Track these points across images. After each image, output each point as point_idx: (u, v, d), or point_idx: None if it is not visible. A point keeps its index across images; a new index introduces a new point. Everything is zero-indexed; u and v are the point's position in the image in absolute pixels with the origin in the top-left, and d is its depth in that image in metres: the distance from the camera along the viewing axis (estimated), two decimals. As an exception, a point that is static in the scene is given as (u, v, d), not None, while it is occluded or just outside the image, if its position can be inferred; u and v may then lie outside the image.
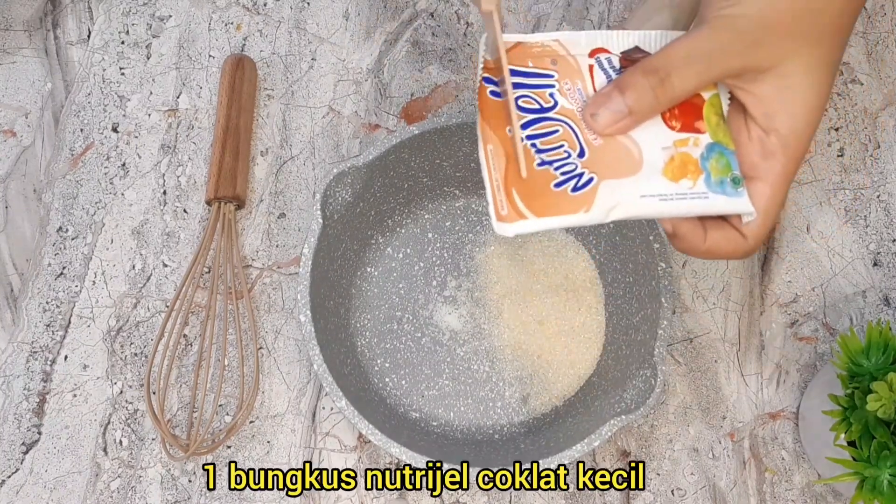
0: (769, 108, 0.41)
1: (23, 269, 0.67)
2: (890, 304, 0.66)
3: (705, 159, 0.42)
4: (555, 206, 0.40)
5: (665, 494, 0.63)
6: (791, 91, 0.40)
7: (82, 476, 0.63)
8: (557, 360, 0.64)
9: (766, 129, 0.41)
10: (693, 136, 0.42)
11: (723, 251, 0.43)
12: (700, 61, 0.40)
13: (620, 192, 0.41)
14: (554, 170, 0.41)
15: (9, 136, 0.70)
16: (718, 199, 0.42)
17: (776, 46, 0.40)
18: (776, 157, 0.41)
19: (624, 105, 0.40)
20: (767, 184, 0.42)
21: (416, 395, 0.64)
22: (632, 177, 0.41)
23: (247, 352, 0.64)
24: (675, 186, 0.41)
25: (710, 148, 0.42)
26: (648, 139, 0.42)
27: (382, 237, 0.66)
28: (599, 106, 0.41)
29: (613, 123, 0.41)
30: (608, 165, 0.41)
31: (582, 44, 0.43)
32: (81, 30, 0.73)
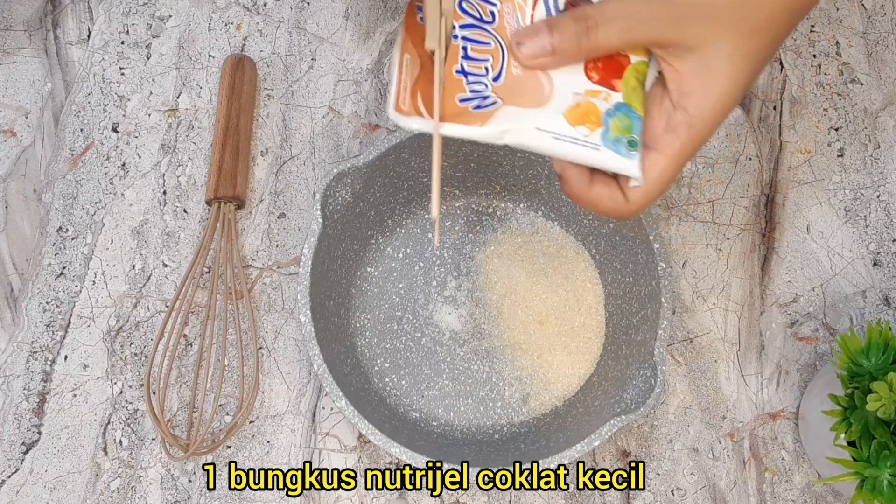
0: (683, 86, 0.42)
1: (23, 269, 0.67)
2: (890, 304, 0.66)
3: (609, 115, 0.43)
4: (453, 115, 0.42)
5: (665, 494, 0.63)
6: (709, 75, 0.41)
7: (82, 476, 0.63)
8: (557, 360, 0.64)
9: (676, 105, 0.42)
10: (606, 91, 0.43)
11: (603, 205, 0.44)
12: (628, 22, 0.41)
13: (518, 119, 0.43)
14: (466, 84, 0.43)
15: (9, 136, 0.70)
16: (608, 154, 0.43)
17: (705, 28, 0.40)
18: (678, 133, 0.42)
19: (549, 43, 0.42)
20: (663, 156, 0.43)
21: (416, 395, 0.64)
22: (534, 109, 0.43)
23: (247, 352, 0.64)
24: (570, 129, 0.43)
25: (617, 106, 0.43)
26: (564, 81, 0.43)
27: (382, 237, 0.66)
28: (527, 37, 0.42)
29: (534, 57, 0.42)
30: (516, 94, 0.43)
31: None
32: (81, 30, 0.73)
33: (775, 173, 0.69)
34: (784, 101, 0.71)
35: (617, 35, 0.41)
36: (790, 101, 0.71)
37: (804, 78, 0.71)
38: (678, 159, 0.43)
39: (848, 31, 0.72)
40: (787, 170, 0.69)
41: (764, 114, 0.70)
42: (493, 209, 0.67)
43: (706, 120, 0.42)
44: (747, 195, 0.68)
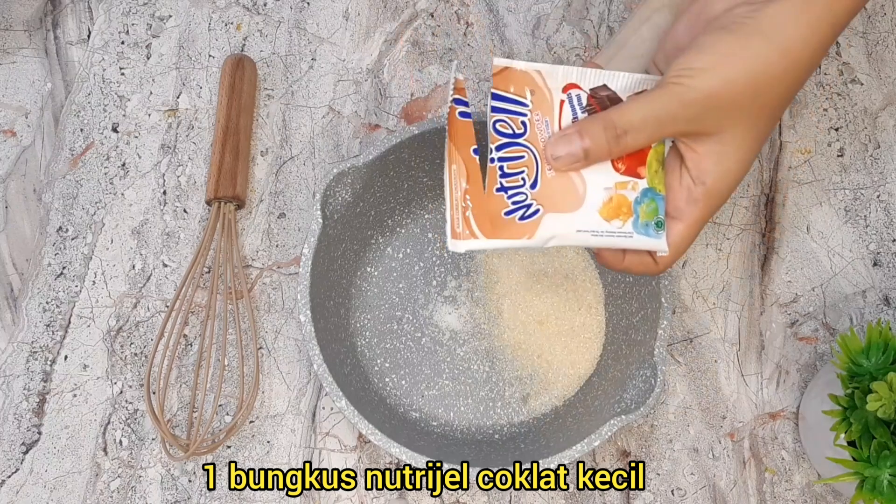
0: (703, 165, 0.47)
1: (23, 269, 0.67)
2: (890, 304, 0.66)
3: (638, 203, 0.48)
4: (502, 230, 0.46)
5: (665, 494, 0.63)
6: (724, 155, 0.46)
7: (82, 476, 0.63)
8: (557, 360, 0.64)
9: (696, 181, 0.47)
10: (633, 180, 0.47)
11: (635, 270, 0.50)
12: (652, 126, 0.45)
13: (560, 225, 0.46)
14: (507, 198, 0.46)
15: (9, 136, 0.70)
16: (641, 239, 0.48)
17: (720, 118, 0.45)
18: (698, 204, 0.47)
19: (581, 149, 0.46)
20: (685, 225, 0.48)
21: (416, 395, 0.64)
22: (572, 213, 0.47)
23: (247, 352, 0.64)
24: (607, 225, 0.47)
25: (644, 193, 0.48)
26: (594, 178, 0.47)
27: (382, 237, 0.66)
28: (560, 145, 0.46)
29: (569, 164, 0.46)
30: (554, 199, 0.46)
31: (558, 78, 0.47)
32: (81, 30, 0.73)
33: (775, 173, 0.69)
34: (784, 101, 0.71)
35: (646, 139, 0.46)
36: (790, 101, 0.71)
37: (804, 78, 0.71)
38: (698, 226, 0.48)
39: (848, 31, 0.72)
40: (787, 170, 0.69)
41: (764, 114, 0.70)
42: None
43: (721, 192, 0.47)
44: (747, 195, 0.68)
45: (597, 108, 0.47)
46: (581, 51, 0.71)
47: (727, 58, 0.44)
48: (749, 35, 0.44)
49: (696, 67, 0.45)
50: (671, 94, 0.45)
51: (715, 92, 0.44)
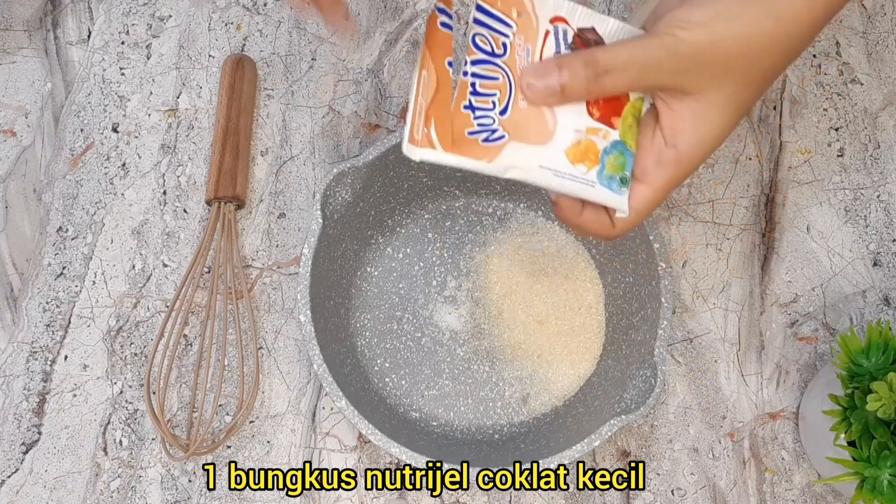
0: (678, 126, 0.44)
1: (23, 269, 0.67)
2: (890, 304, 0.66)
3: (606, 153, 0.45)
4: (462, 147, 0.43)
5: (665, 494, 0.63)
6: (703, 119, 0.44)
7: (82, 476, 0.63)
8: (557, 360, 0.64)
9: (668, 142, 0.45)
10: (605, 128, 0.45)
11: (590, 229, 0.48)
12: (636, 70, 0.43)
13: (523, 156, 0.44)
14: (474, 118, 0.44)
15: (9, 136, 0.70)
16: (602, 191, 0.45)
17: (705, 77, 0.43)
18: (667, 168, 0.45)
19: (558, 84, 0.43)
20: (650, 188, 0.46)
21: (416, 395, 0.64)
22: (538, 146, 0.44)
23: (247, 352, 0.64)
24: (570, 167, 0.45)
25: (614, 144, 0.45)
26: (567, 118, 0.45)
27: (382, 237, 0.66)
28: (536, 76, 0.44)
29: (543, 96, 0.44)
30: (522, 129, 0.44)
31: (548, 6, 0.45)
32: (81, 30, 0.73)
33: (775, 173, 0.69)
34: (784, 101, 0.71)
35: (625, 82, 0.44)
36: (790, 101, 0.71)
37: (804, 78, 0.71)
38: (663, 191, 0.46)
39: (848, 31, 0.72)
40: (787, 170, 0.69)
41: (764, 114, 0.70)
42: (493, 209, 0.67)
43: (693, 158, 0.45)
44: (747, 195, 0.68)
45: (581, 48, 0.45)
46: None
47: (722, 16, 0.43)
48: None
49: (691, 21, 0.43)
50: (660, 43, 0.43)
51: (705, 47, 0.43)
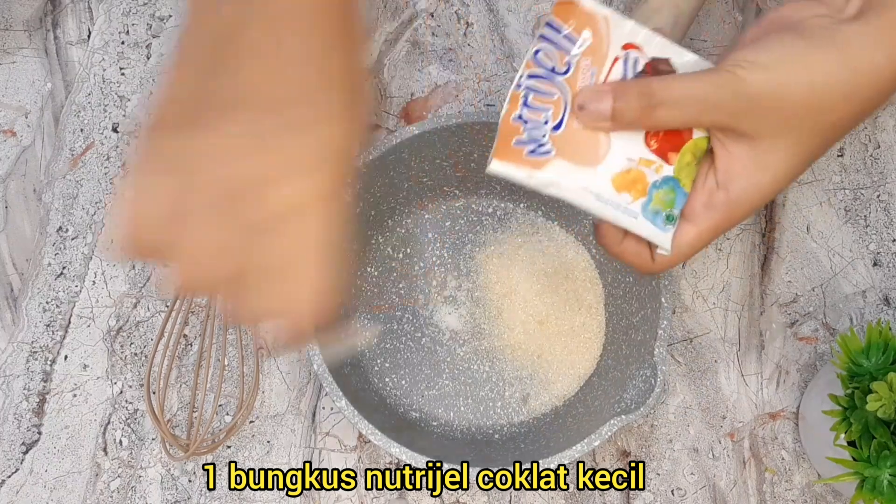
0: (732, 169, 0.42)
1: (23, 269, 0.67)
2: (890, 304, 0.66)
3: (656, 187, 0.44)
4: (507, 154, 0.44)
5: (665, 494, 0.63)
6: (759, 165, 0.42)
7: (82, 476, 0.63)
8: (557, 360, 0.64)
9: (720, 185, 0.43)
10: (660, 161, 0.44)
11: (629, 260, 0.46)
12: (691, 106, 0.41)
13: (567, 174, 0.44)
14: (524, 128, 0.44)
15: (9, 136, 0.70)
16: (645, 224, 0.44)
17: (766, 122, 0.41)
18: (715, 211, 0.43)
19: (609, 108, 0.42)
20: (696, 229, 0.44)
21: (416, 395, 0.64)
22: (585, 167, 0.44)
23: (247, 352, 0.64)
24: (614, 194, 0.44)
25: (665, 180, 0.44)
26: (620, 144, 0.44)
27: (382, 237, 0.66)
28: (590, 99, 0.42)
29: (593, 120, 0.42)
30: (572, 148, 0.43)
31: (624, 31, 0.44)
32: (81, 30, 0.73)
33: (775, 173, 0.69)
34: (784, 101, 0.71)
35: (679, 117, 0.42)
36: (790, 101, 0.71)
37: (804, 78, 0.71)
38: (709, 234, 0.44)
39: (848, 31, 0.72)
40: (787, 170, 0.69)
41: (764, 114, 0.70)
42: (493, 209, 0.67)
43: (744, 204, 0.43)
44: (747, 195, 0.68)
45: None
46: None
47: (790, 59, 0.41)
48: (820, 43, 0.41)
49: (756, 61, 0.41)
50: (721, 80, 0.41)
51: (768, 91, 0.40)
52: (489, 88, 0.70)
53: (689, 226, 0.44)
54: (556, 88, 0.44)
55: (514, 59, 0.71)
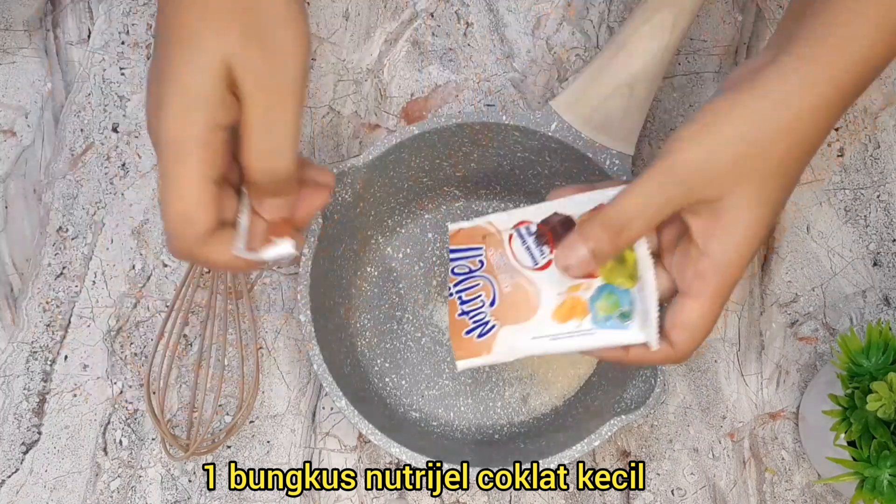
0: (707, 234, 0.44)
1: (23, 269, 0.67)
2: (890, 304, 0.66)
3: (594, 300, 0.47)
4: (467, 349, 0.51)
5: (665, 494, 0.63)
6: (728, 223, 0.43)
7: (82, 476, 0.63)
8: (557, 360, 0.64)
9: (702, 252, 0.44)
10: (586, 281, 0.48)
11: (649, 360, 0.48)
12: (648, 211, 0.44)
13: (515, 336, 0.49)
14: (469, 319, 0.51)
15: (9, 136, 0.70)
16: (605, 333, 0.47)
17: (718, 185, 0.43)
18: (706, 278, 0.44)
19: (587, 252, 0.45)
20: (696, 301, 0.45)
21: (416, 395, 0.64)
22: (526, 322, 0.49)
23: (247, 352, 0.64)
24: (562, 327, 0.48)
25: (599, 290, 0.47)
26: (548, 286, 0.49)
27: (382, 237, 0.66)
28: (568, 255, 0.46)
29: (582, 269, 0.46)
30: (510, 313, 0.50)
31: (509, 221, 0.51)
32: (81, 30, 0.73)
33: (775, 173, 0.69)
34: (784, 101, 0.71)
35: (644, 226, 0.44)
36: (790, 101, 0.71)
37: (804, 78, 0.71)
38: (713, 302, 0.45)
39: (848, 31, 0.72)
40: (787, 170, 0.69)
41: (764, 114, 0.70)
42: (493, 209, 0.67)
43: (731, 263, 0.44)
44: (747, 195, 0.68)
45: (547, 233, 0.49)
46: (581, 51, 0.71)
47: (713, 122, 0.43)
48: (741, 96, 0.43)
49: (684, 137, 0.43)
50: (661, 173, 0.43)
51: (703, 161, 0.43)
52: (489, 88, 0.70)
53: (689, 301, 0.45)
54: (479, 280, 0.51)
55: (514, 58, 0.71)
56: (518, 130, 0.60)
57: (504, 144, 0.61)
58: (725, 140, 0.43)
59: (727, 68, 0.71)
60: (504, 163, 0.64)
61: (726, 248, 0.44)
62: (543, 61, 0.71)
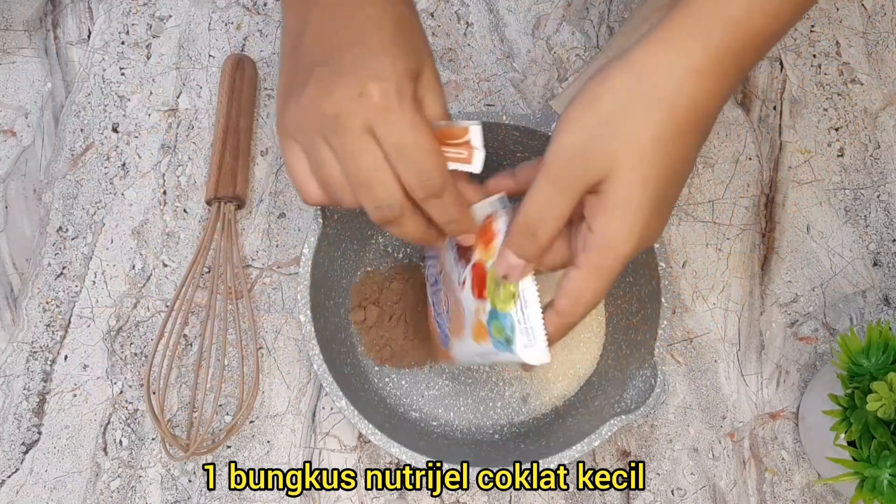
0: (593, 212, 0.45)
1: (23, 269, 0.67)
2: (890, 304, 0.66)
3: (489, 324, 0.49)
4: (442, 353, 0.56)
5: (665, 494, 0.63)
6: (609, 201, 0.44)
7: (82, 476, 0.63)
8: (557, 360, 0.64)
9: (590, 228, 0.45)
10: (483, 302, 0.49)
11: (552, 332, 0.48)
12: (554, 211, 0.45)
13: (459, 348, 0.53)
14: (438, 326, 0.56)
15: (9, 136, 0.70)
16: (502, 355, 0.49)
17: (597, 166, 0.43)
18: (590, 250, 0.45)
19: (515, 259, 0.47)
20: (580, 273, 0.46)
21: (416, 395, 0.64)
22: (462, 337, 0.52)
23: (247, 352, 0.64)
24: (479, 347, 0.50)
25: (490, 314, 0.49)
26: (467, 304, 0.51)
27: (382, 237, 0.66)
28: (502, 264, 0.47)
29: (518, 274, 0.47)
30: (454, 325, 0.53)
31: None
32: (81, 30, 0.73)
33: (775, 173, 0.69)
34: (784, 101, 0.71)
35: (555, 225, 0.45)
36: (790, 101, 0.71)
37: (804, 78, 0.71)
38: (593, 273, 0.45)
39: (848, 31, 0.72)
40: (787, 170, 0.69)
41: (764, 114, 0.70)
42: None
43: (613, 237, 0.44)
44: (747, 195, 0.68)
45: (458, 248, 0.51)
46: (581, 51, 0.71)
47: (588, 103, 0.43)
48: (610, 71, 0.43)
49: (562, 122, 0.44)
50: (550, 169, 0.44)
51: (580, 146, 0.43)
52: (489, 88, 0.70)
53: (574, 271, 0.46)
54: (441, 287, 0.54)
55: (514, 58, 0.71)
56: (518, 130, 0.60)
57: (504, 144, 0.61)
58: (597, 119, 0.43)
59: (727, 68, 0.71)
60: (504, 163, 0.64)
61: (608, 223, 0.44)
62: (543, 61, 0.71)
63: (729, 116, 0.70)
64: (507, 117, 0.59)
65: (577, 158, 0.43)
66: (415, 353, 0.63)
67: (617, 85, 0.43)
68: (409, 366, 0.64)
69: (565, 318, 0.47)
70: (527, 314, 0.47)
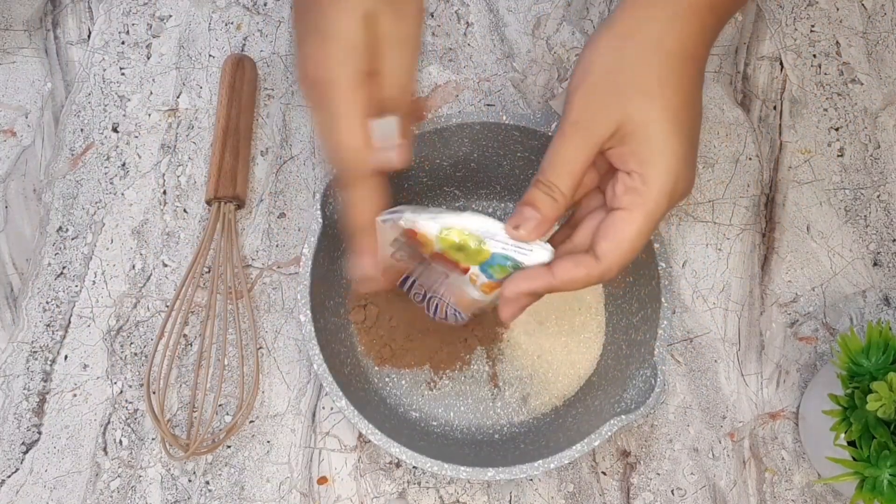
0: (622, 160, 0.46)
1: (23, 268, 0.67)
2: (890, 304, 0.66)
3: (490, 276, 0.50)
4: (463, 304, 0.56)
5: (665, 494, 0.63)
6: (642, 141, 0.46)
7: (82, 476, 0.63)
8: (557, 360, 0.64)
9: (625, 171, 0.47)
10: (471, 273, 0.50)
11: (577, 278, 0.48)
12: (574, 167, 0.46)
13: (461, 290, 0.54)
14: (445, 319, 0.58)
15: (9, 136, 0.70)
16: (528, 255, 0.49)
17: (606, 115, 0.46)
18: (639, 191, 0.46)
19: (534, 214, 0.48)
20: (626, 212, 0.46)
21: (416, 395, 0.64)
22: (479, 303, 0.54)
23: (247, 352, 0.64)
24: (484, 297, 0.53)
25: (482, 270, 0.50)
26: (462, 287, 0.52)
27: (382, 237, 0.66)
28: (519, 222, 0.48)
29: (536, 231, 0.48)
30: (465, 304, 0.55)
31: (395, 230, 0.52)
32: (81, 30, 0.73)
33: (775, 173, 0.69)
34: (784, 101, 0.71)
35: (571, 175, 0.47)
36: (790, 101, 0.71)
37: (804, 78, 0.71)
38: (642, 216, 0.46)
39: (848, 31, 0.72)
40: (787, 170, 0.69)
41: (764, 114, 0.70)
42: (493, 209, 0.67)
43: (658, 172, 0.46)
44: (747, 195, 0.68)
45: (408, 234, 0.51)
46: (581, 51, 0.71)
47: (588, 65, 0.47)
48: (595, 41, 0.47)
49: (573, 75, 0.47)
50: (565, 127, 0.46)
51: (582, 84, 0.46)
52: (489, 88, 0.70)
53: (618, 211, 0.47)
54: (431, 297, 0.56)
55: (514, 58, 0.71)
56: (518, 130, 0.60)
57: (504, 144, 0.61)
58: (596, 80, 0.46)
59: (728, 68, 0.71)
60: (504, 163, 0.64)
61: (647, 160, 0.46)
62: (543, 61, 0.71)
63: (729, 116, 0.70)
64: (507, 117, 0.59)
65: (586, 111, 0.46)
66: (415, 353, 0.63)
67: (602, 48, 0.47)
68: (409, 366, 0.64)
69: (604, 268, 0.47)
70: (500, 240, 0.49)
